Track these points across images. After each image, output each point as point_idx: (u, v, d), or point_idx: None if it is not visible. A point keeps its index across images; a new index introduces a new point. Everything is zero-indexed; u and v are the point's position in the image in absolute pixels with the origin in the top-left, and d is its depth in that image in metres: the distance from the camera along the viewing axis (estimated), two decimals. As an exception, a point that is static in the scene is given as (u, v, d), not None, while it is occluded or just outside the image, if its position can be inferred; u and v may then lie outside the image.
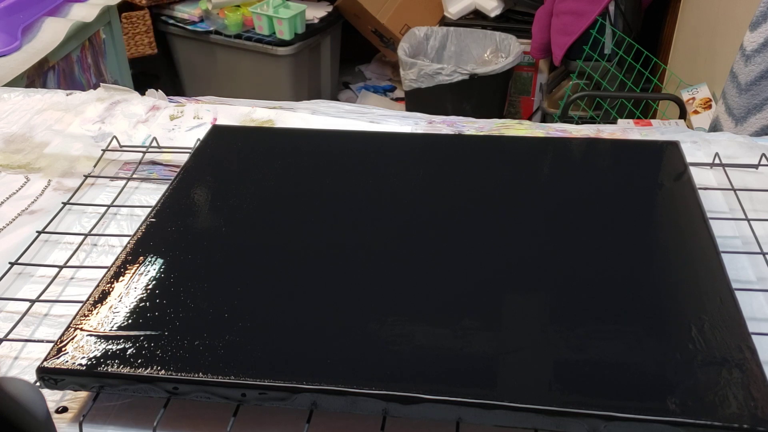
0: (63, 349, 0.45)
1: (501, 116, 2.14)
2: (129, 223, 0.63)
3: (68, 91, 0.87)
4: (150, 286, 0.50)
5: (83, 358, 0.44)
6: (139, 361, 0.43)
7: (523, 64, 2.19)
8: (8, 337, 0.51)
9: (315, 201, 0.59)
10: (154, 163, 0.72)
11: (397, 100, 2.39)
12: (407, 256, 0.52)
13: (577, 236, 0.53)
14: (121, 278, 0.51)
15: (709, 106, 1.42)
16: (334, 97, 2.41)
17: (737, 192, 0.63)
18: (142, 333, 0.46)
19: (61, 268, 0.57)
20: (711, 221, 0.54)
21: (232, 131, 0.70)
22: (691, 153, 0.69)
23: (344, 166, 0.63)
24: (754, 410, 0.39)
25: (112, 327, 0.46)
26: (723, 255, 0.50)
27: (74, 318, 0.47)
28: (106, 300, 0.49)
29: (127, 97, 0.83)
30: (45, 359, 0.44)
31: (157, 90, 0.85)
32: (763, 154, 0.67)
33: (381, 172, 0.62)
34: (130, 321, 0.47)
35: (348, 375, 0.42)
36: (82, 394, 0.47)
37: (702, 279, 0.48)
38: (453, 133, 0.75)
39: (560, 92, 1.98)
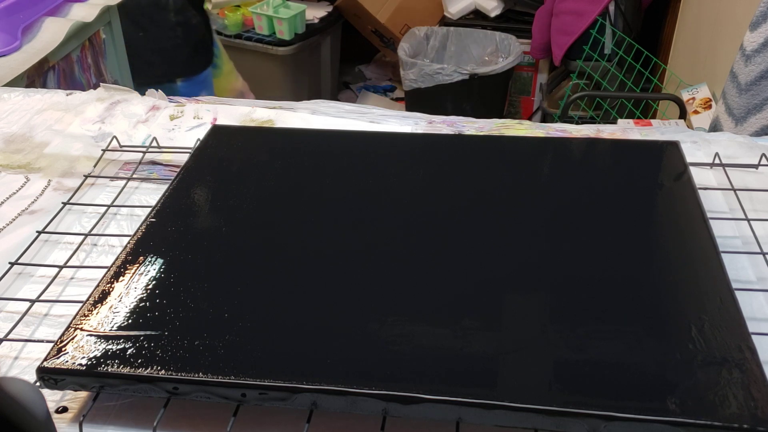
0: (63, 349, 0.45)
1: (501, 116, 2.14)
2: (129, 223, 0.63)
3: (68, 91, 0.87)
4: (150, 286, 0.50)
5: (83, 358, 0.44)
6: (139, 361, 0.43)
7: (523, 64, 2.19)
8: (8, 337, 0.51)
9: (315, 201, 0.59)
10: (154, 163, 0.72)
11: (397, 100, 2.39)
12: (407, 256, 0.52)
13: (577, 236, 0.53)
14: (121, 278, 0.51)
15: (709, 106, 1.42)
16: (334, 97, 2.42)
17: (737, 192, 0.62)
18: (142, 333, 0.46)
19: (61, 268, 0.57)
20: (711, 221, 0.54)
21: (232, 131, 0.70)
22: (691, 153, 0.69)
23: (344, 166, 0.63)
24: (754, 410, 0.39)
25: (112, 327, 0.46)
26: (723, 255, 0.50)
27: (74, 318, 0.47)
28: (106, 300, 0.49)
29: (127, 97, 0.83)
30: (45, 359, 0.44)
31: (157, 90, 0.85)
32: (763, 154, 0.67)
33: (381, 172, 0.62)
34: (130, 321, 0.47)
35: (348, 375, 0.42)
36: (82, 394, 0.47)
37: (702, 279, 0.48)
38: (453, 133, 0.74)
39: (560, 92, 1.98)
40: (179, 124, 0.78)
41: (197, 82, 1.39)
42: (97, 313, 0.47)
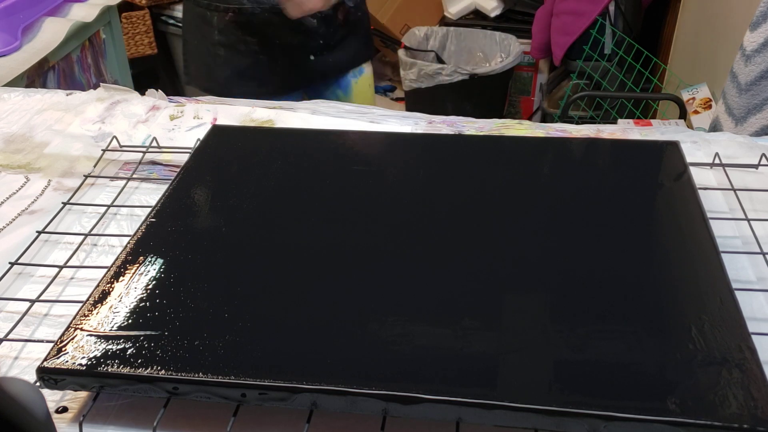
0: (63, 349, 0.45)
1: (501, 116, 2.14)
2: (129, 223, 0.63)
3: (68, 91, 0.87)
4: (150, 286, 0.50)
5: (83, 358, 0.44)
6: (139, 361, 0.43)
7: (523, 64, 2.19)
8: (8, 337, 0.51)
9: (315, 201, 0.59)
10: (154, 163, 0.72)
11: (397, 100, 2.39)
12: (407, 256, 0.52)
13: (577, 236, 0.53)
14: (121, 278, 0.51)
15: (709, 106, 1.42)
16: (334, 97, 2.41)
17: (737, 192, 0.62)
18: (142, 333, 0.46)
19: (61, 268, 0.57)
20: (711, 221, 0.54)
21: (232, 131, 0.70)
22: (691, 153, 0.69)
23: (344, 166, 0.63)
24: (754, 410, 0.39)
25: (112, 327, 0.46)
26: (723, 255, 0.50)
27: (74, 318, 0.47)
28: (106, 300, 0.49)
29: (127, 97, 0.83)
30: (45, 359, 0.44)
31: (157, 90, 0.85)
32: (763, 154, 0.67)
33: (381, 172, 0.62)
34: (130, 321, 0.47)
35: (348, 375, 0.42)
36: (82, 394, 0.47)
37: (702, 279, 0.48)
38: (453, 133, 0.74)
39: (560, 92, 1.98)
40: (179, 124, 0.78)
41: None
42: (97, 313, 0.47)
